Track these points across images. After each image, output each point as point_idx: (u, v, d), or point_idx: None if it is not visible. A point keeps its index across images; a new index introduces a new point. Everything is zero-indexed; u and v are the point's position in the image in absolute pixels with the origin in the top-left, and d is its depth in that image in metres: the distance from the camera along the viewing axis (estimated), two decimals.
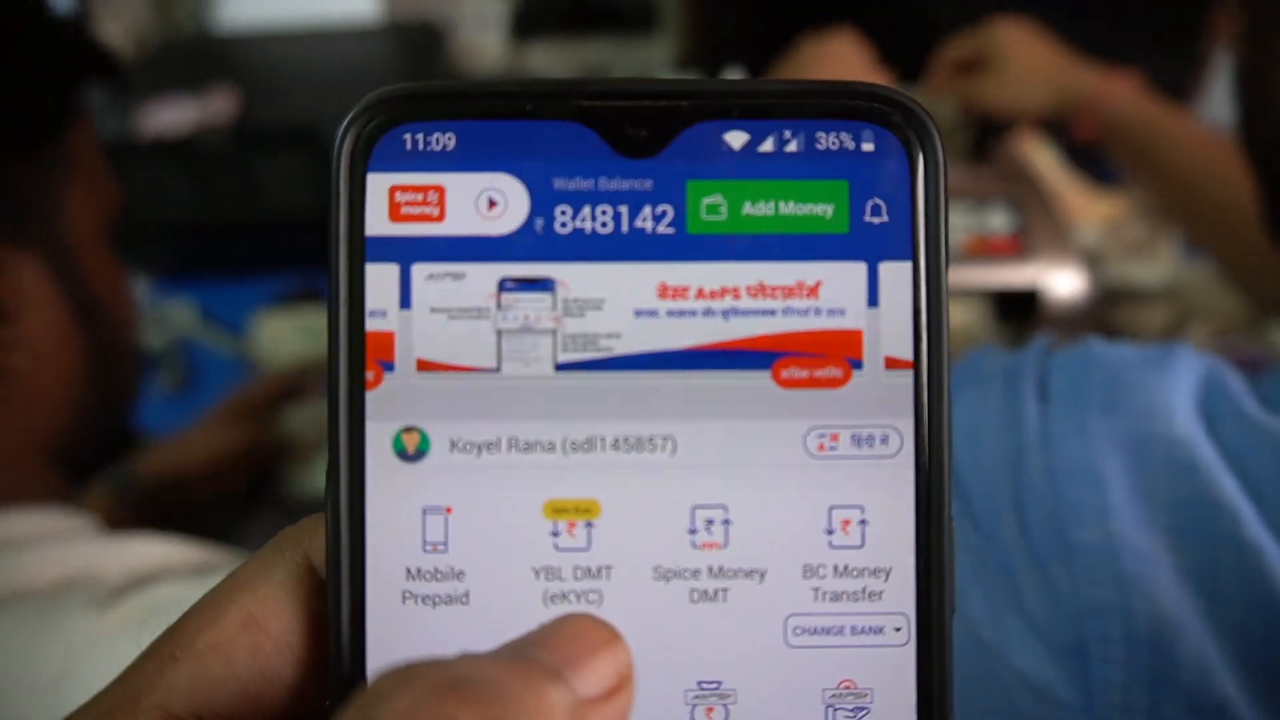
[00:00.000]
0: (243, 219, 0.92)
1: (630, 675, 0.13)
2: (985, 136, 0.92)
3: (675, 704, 0.14)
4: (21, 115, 0.43)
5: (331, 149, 0.14)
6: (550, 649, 0.12)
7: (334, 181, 0.14)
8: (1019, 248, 0.71)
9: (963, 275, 0.72)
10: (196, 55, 1.03)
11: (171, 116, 0.88)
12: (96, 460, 0.52)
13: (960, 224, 0.73)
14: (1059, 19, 1.00)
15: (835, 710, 0.14)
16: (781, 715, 0.14)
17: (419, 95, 0.14)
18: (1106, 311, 0.83)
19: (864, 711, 0.14)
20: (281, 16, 1.08)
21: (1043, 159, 0.90)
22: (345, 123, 0.14)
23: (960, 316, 0.76)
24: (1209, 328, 0.83)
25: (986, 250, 0.71)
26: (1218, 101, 0.94)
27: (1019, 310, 0.74)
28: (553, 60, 1.13)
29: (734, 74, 0.84)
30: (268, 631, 0.14)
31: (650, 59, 1.11)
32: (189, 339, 0.91)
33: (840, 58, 0.67)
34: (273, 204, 0.91)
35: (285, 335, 0.85)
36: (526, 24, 1.14)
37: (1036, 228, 0.72)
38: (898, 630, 0.14)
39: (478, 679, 0.11)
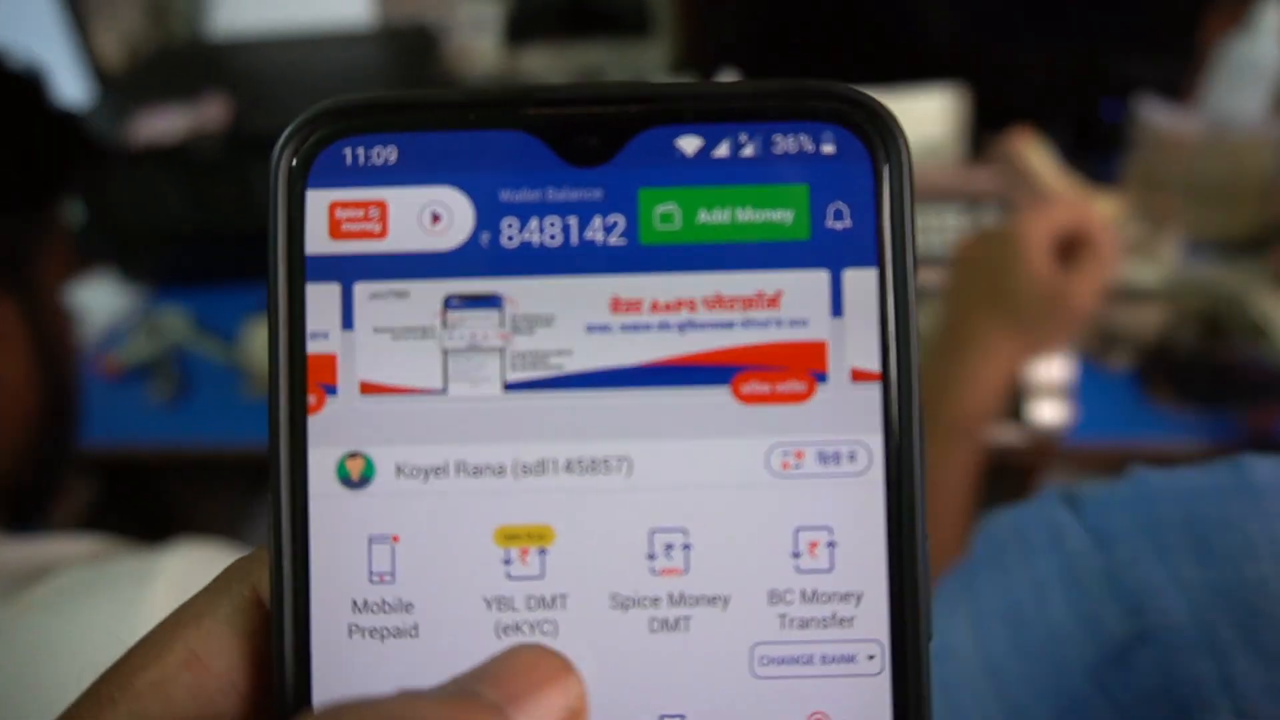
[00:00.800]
0: (235, 226, 0.92)
1: (583, 709, 0.12)
2: (981, 134, 0.91)
3: None
4: (25, 182, 0.50)
5: (270, 167, 0.14)
6: (495, 684, 0.12)
7: (272, 199, 0.14)
8: None
9: None
10: (190, 62, 1.03)
11: (164, 124, 0.88)
12: (36, 497, 0.53)
13: (952, 225, 0.72)
14: (1055, 20, 1.00)
15: None
16: None
17: (358, 108, 0.14)
18: (1103, 312, 0.82)
19: None
20: (275, 22, 1.08)
21: (1039, 158, 0.90)
22: (283, 138, 0.14)
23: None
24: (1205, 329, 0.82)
25: None
26: (1215, 99, 0.94)
27: None
28: (547, 64, 1.12)
29: (729, 77, 0.84)
30: (210, 669, 0.13)
31: (645, 63, 1.11)
32: (182, 347, 0.91)
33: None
34: (265, 211, 0.91)
35: None
36: (521, 28, 1.14)
37: None
38: (871, 659, 0.13)
39: (414, 719, 0.11)
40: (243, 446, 0.85)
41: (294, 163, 0.14)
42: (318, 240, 0.14)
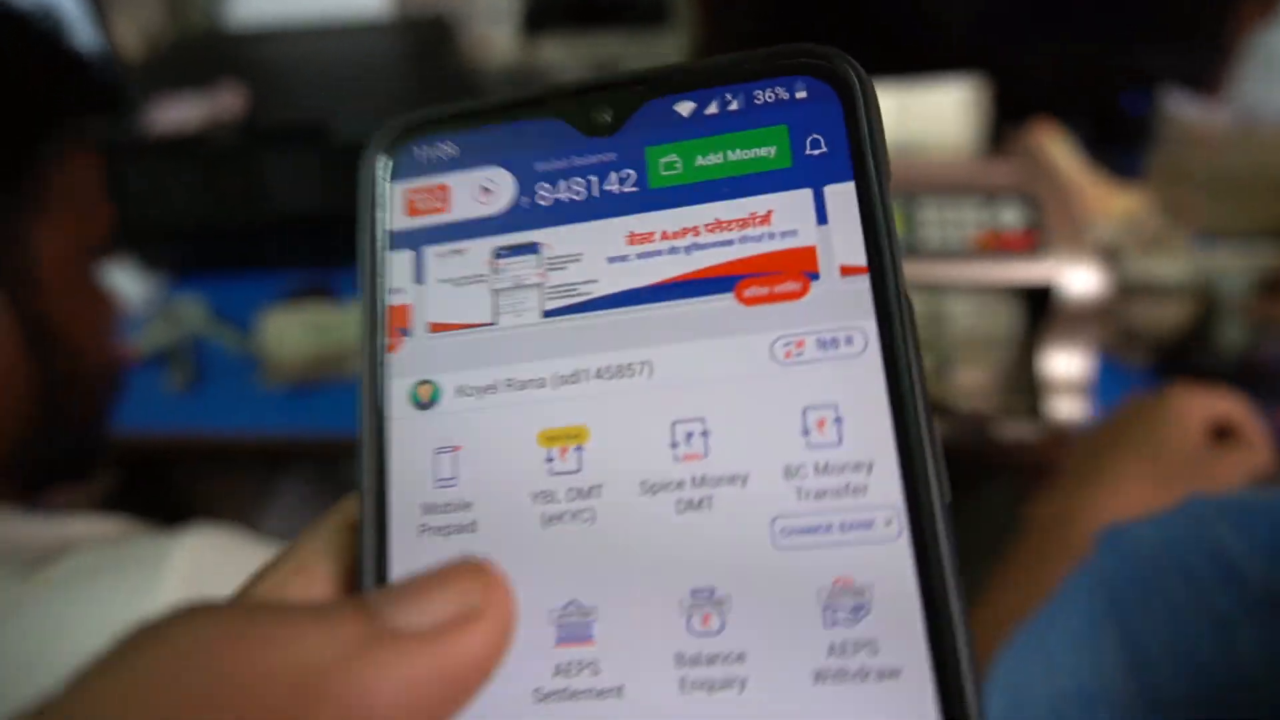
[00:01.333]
0: (251, 216, 0.92)
1: (491, 616, 0.13)
2: (1001, 127, 0.90)
3: (671, 614, 0.14)
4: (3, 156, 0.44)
5: (360, 168, 0.18)
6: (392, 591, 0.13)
7: (364, 192, 0.18)
8: (1033, 243, 0.70)
9: (974, 270, 0.70)
10: (206, 52, 1.04)
11: (180, 114, 0.89)
12: (58, 471, 0.53)
13: (971, 219, 0.71)
14: (1084, 12, 0.98)
15: (833, 611, 0.14)
16: (778, 618, 0.14)
17: (425, 119, 0.18)
18: (1124, 307, 0.81)
19: (864, 611, 0.14)
20: (292, 13, 1.08)
21: (1060, 152, 0.88)
22: (371, 146, 0.18)
23: (971, 312, 0.74)
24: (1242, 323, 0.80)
25: (999, 245, 0.70)
26: (1244, 92, 0.92)
27: (1033, 307, 0.72)
28: (564, 54, 1.12)
29: None
30: (314, 575, 0.15)
31: (662, 52, 1.10)
32: (198, 336, 0.91)
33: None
34: (281, 201, 0.91)
35: (290, 332, 0.85)
36: (537, 18, 1.13)
37: (1052, 223, 0.71)
38: (888, 524, 0.14)
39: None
40: (258, 435, 0.85)
41: (379, 163, 0.18)
42: (397, 220, 0.18)
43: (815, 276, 0.16)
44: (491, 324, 0.17)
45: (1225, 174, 0.90)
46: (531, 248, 0.17)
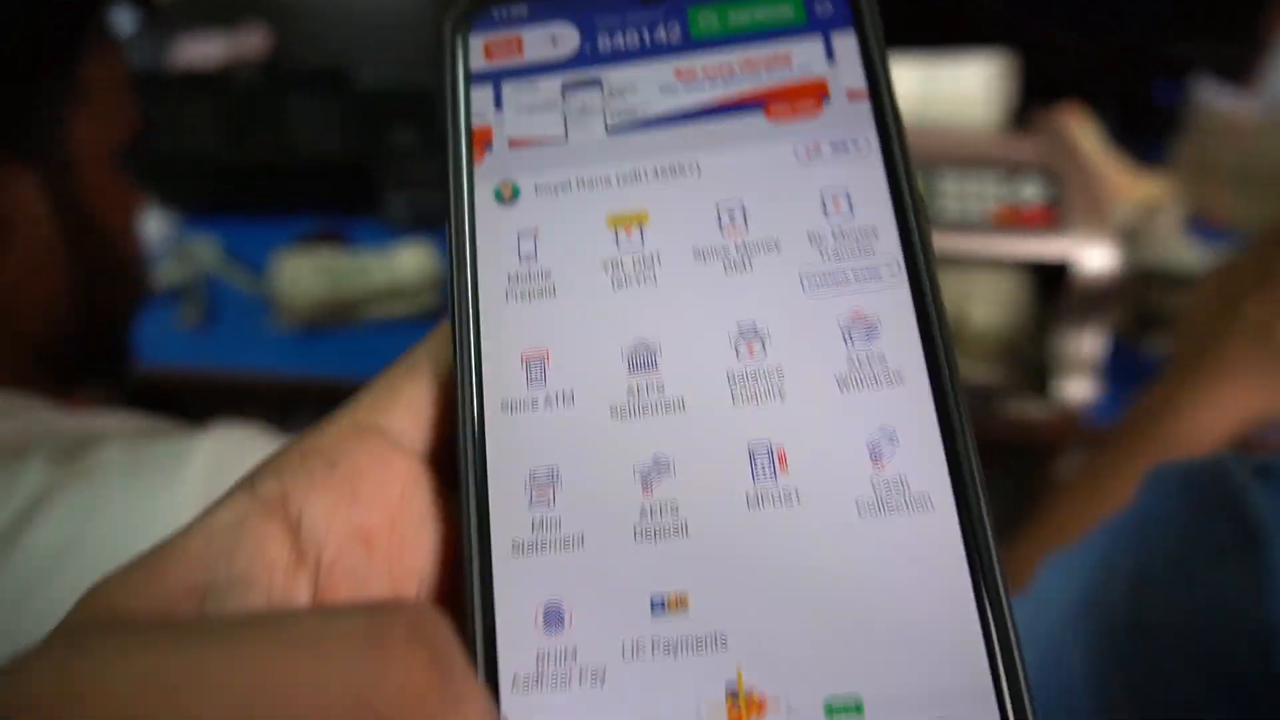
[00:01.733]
0: (269, 158, 0.92)
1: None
2: (1026, 105, 0.89)
3: (722, 345, 0.18)
4: (33, 39, 0.46)
5: (443, 26, 0.21)
6: None
7: (448, 44, 0.21)
8: (1052, 219, 0.69)
9: (991, 244, 0.70)
10: None
11: (204, 52, 0.89)
12: (90, 365, 0.54)
13: (992, 192, 0.70)
14: (1117, 5, 0.97)
15: (851, 335, 0.18)
16: (808, 343, 0.18)
17: None
18: (1142, 293, 0.80)
19: (874, 334, 0.18)
20: None
21: (1086, 135, 0.88)
22: (453, 11, 0.21)
23: (986, 287, 0.74)
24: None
25: (1017, 220, 0.69)
26: (1274, 85, 0.90)
27: (1048, 285, 0.72)
28: None
29: None
30: (420, 377, 0.18)
31: None
32: (212, 275, 0.92)
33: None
34: (300, 145, 0.91)
35: (304, 275, 0.85)
36: None
37: (1071, 201, 0.70)
38: (891, 273, 0.18)
39: None
40: (268, 375, 0.86)
41: (461, 21, 0.21)
42: (477, 63, 0.21)
43: (827, 99, 0.20)
44: (563, 138, 0.20)
45: (1251, 166, 0.89)
46: (595, 82, 0.20)
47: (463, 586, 0.17)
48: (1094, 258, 0.68)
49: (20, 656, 0.13)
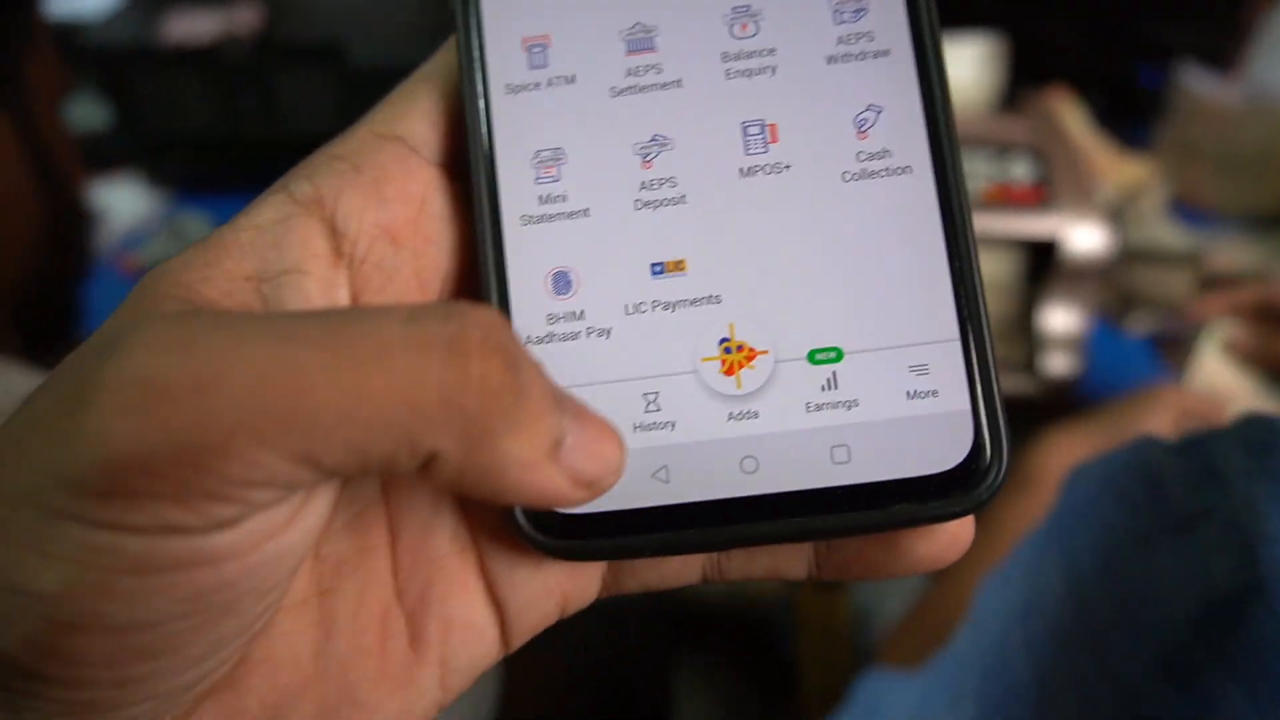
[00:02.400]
0: (261, 135, 0.92)
1: (605, 486, 0.15)
2: (1016, 87, 0.90)
3: (717, 25, 0.19)
4: None
5: None
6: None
7: None
8: (1041, 198, 0.70)
9: (982, 221, 0.71)
10: None
11: (194, 26, 0.88)
12: (51, 327, 0.53)
13: (982, 171, 0.71)
14: None
15: (840, 13, 0.19)
16: (798, 20, 0.19)
17: None
18: (1126, 272, 0.82)
19: (863, 12, 0.19)
20: None
21: (1072, 117, 0.89)
22: None
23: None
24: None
25: (1008, 198, 0.70)
26: (1257, 70, 0.92)
27: (1036, 262, 0.73)
28: None
29: None
30: (437, 76, 0.20)
31: None
32: None
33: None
34: (292, 122, 0.91)
35: None
36: None
37: (1060, 180, 0.71)
38: (902, 58, 0.19)
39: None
40: None
41: None
42: None
43: None
44: None
45: (1233, 150, 0.91)
46: None
47: (476, 261, 0.18)
48: (1082, 236, 0.69)
49: (113, 332, 0.14)
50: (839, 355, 0.18)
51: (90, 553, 0.13)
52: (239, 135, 0.92)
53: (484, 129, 0.19)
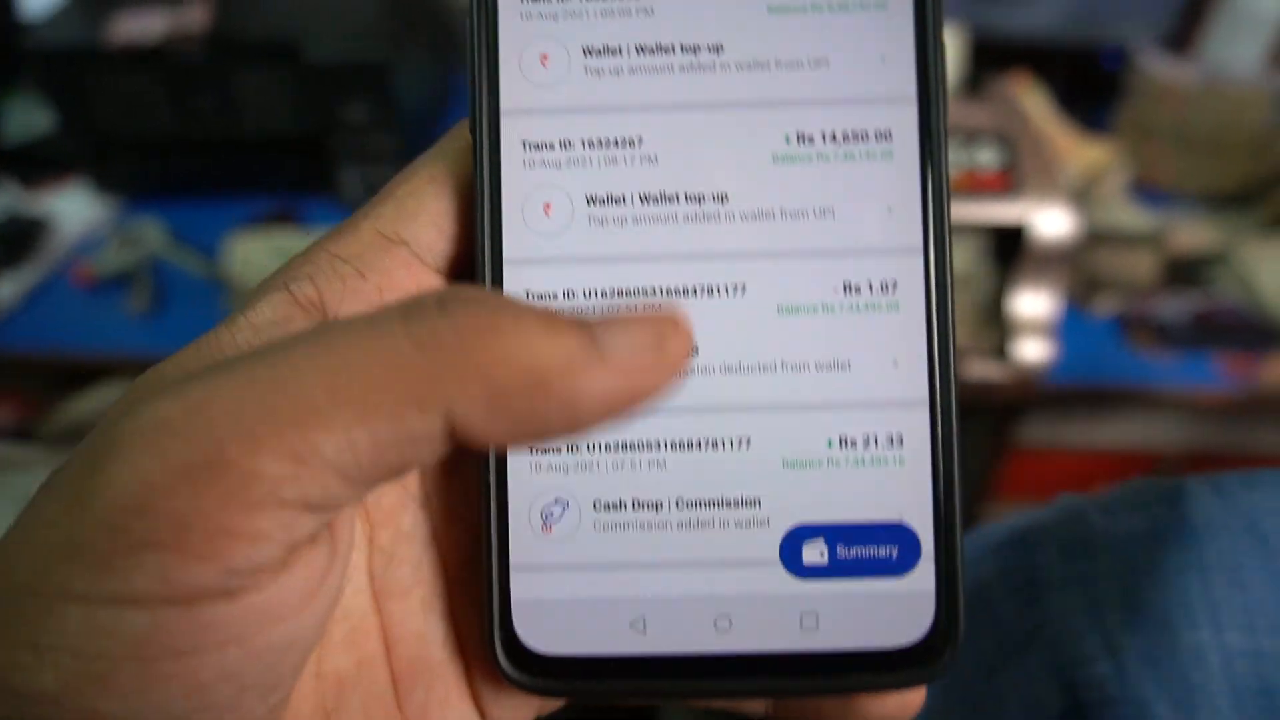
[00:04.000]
0: (215, 136, 0.89)
1: (674, 361, 0.14)
2: (979, 73, 0.90)
3: None
4: None
5: None
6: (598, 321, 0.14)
7: None
8: (1008, 184, 0.71)
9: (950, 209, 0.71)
10: None
11: (143, 24, 0.85)
12: None
13: (950, 158, 0.72)
14: None
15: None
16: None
17: None
18: (1090, 255, 0.82)
19: None
20: None
21: (1033, 101, 0.89)
22: None
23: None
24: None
25: (975, 185, 0.71)
26: (1212, 50, 0.93)
27: (1005, 247, 0.74)
28: None
29: None
30: (446, 174, 0.19)
31: None
32: (159, 259, 0.89)
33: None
34: (247, 121, 0.88)
35: (258, 258, 0.83)
36: None
37: (1025, 165, 0.72)
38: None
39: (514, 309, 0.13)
40: None
41: None
42: None
43: None
44: None
45: (1191, 130, 0.92)
46: None
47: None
48: (1048, 221, 0.70)
49: (109, 419, 0.14)
50: (818, 531, 0.18)
51: (91, 638, 0.12)
52: (192, 137, 0.89)
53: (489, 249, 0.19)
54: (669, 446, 0.18)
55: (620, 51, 0.19)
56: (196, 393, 0.13)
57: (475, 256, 0.18)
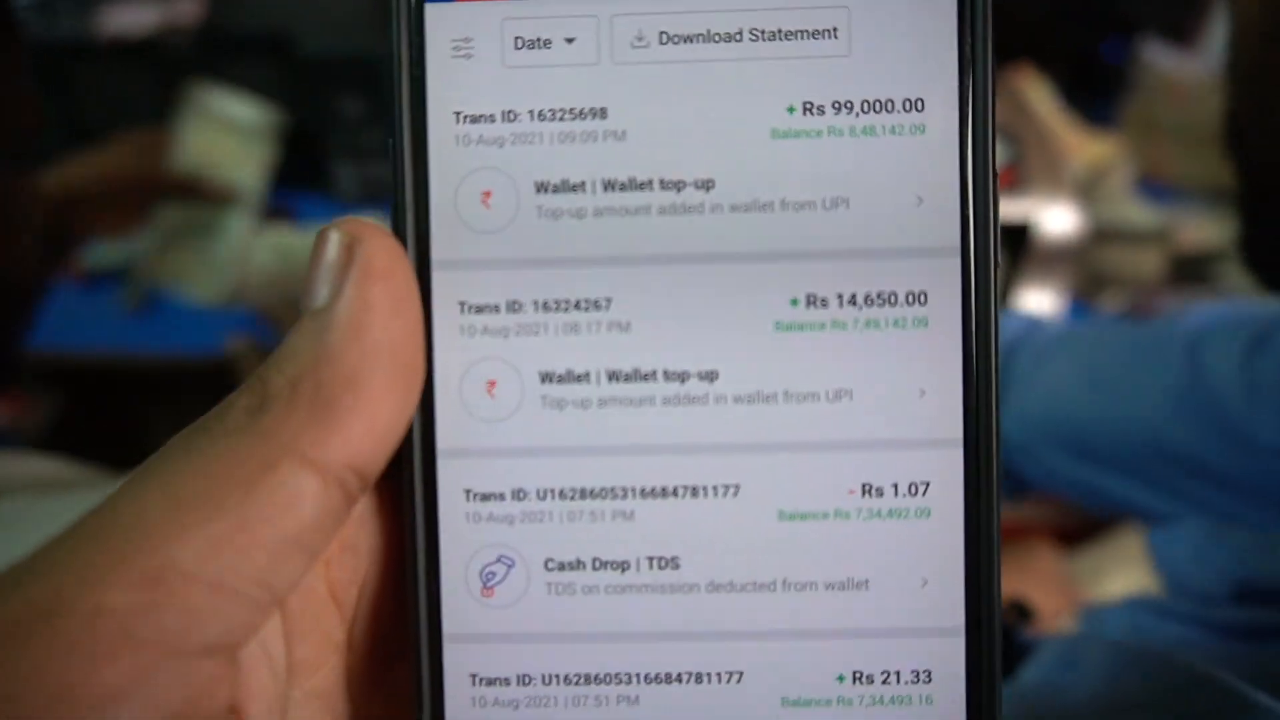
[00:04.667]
0: None
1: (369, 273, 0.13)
2: None
3: None
4: None
5: None
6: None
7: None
8: (1013, 180, 0.70)
9: None
10: None
11: (133, 18, 0.84)
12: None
13: None
14: None
15: None
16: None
17: None
18: (1095, 252, 0.81)
19: None
20: None
21: (1038, 96, 0.88)
22: None
23: None
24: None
25: None
26: (1218, 44, 0.92)
27: (1011, 245, 0.73)
28: None
29: None
30: None
31: None
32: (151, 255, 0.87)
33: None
34: None
35: (253, 253, 0.82)
36: None
37: (1031, 162, 0.71)
38: None
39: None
40: (213, 356, 0.82)
41: None
42: None
43: None
44: None
45: (1195, 125, 0.91)
46: None
47: (407, 577, 0.15)
48: (1054, 217, 0.69)
49: None
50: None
51: None
52: None
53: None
54: (643, 680, 0.15)
55: (583, 188, 0.15)
56: (38, 554, 0.11)
57: (403, 453, 0.15)
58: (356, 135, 0.87)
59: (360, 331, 0.13)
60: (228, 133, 0.77)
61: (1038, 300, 0.71)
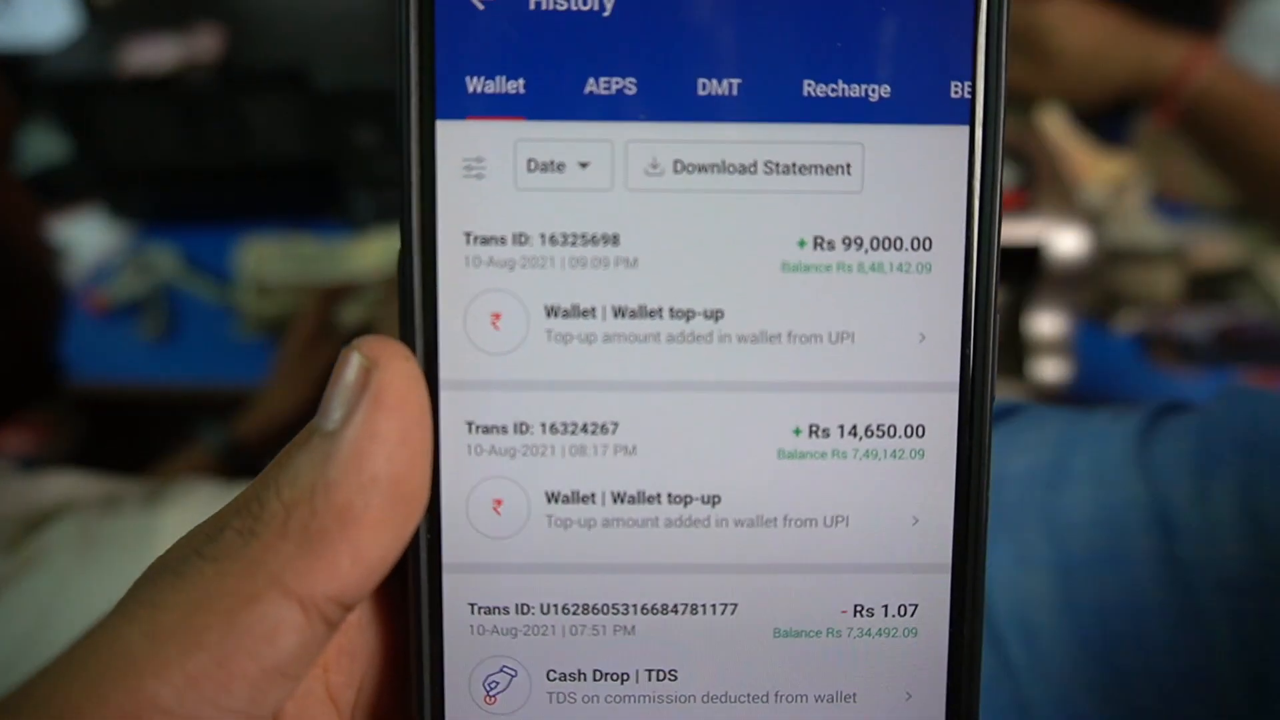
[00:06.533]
0: (227, 163, 0.90)
1: (392, 389, 0.13)
2: None
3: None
4: None
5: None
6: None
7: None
8: (1024, 202, 0.70)
9: None
10: None
11: (155, 54, 0.86)
12: (18, 395, 0.50)
13: None
14: None
15: None
16: None
17: None
18: (1109, 272, 0.81)
19: None
20: None
21: (1050, 116, 0.88)
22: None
23: None
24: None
25: None
26: (1234, 44, 0.92)
27: (1021, 267, 0.72)
28: None
29: None
30: None
31: None
32: (171, 285, 0.89)
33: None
34: (259, 148, 0.89)
35: (272, 261, 0.83)
36: None
37: (1042, 183, 0.70)
38: None
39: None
40: (233, 386, 0.83)
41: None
42: None
43: None
44: None
45: None
46: None
47: (411, 683, 0.16)
48: (1065, 240, 0.69)
49: None
50: None
51: None
52: (204, 164, 0.90)
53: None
54: None
55: (593, 314, 0.15)
56: (23, 688, 0.12)
57: (409, 568, 0.15)
58: (371, 164, 0.89)
59: (363, 461, 0.13)
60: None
61: (1051, 324, 0.71)
